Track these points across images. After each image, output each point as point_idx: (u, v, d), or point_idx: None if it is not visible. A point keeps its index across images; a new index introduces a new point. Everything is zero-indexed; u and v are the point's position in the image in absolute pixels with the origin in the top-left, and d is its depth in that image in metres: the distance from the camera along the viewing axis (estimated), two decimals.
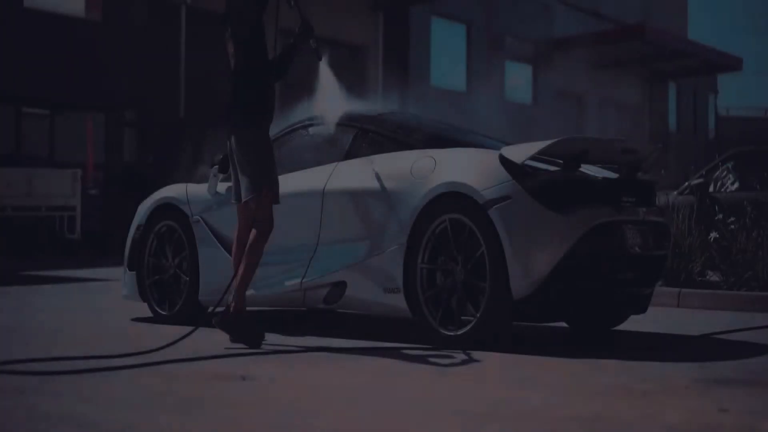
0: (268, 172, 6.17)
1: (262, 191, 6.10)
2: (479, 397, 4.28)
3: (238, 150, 6.14)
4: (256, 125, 6.15)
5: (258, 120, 6.16)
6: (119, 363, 5.09)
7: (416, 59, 29.62)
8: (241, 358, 5.42)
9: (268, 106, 6.23)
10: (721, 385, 4.65)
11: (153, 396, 4.26)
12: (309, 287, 6.61)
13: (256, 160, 6.12)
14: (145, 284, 7.50)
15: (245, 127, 6.12)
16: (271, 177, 6.19)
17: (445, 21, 31.01)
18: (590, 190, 6.06)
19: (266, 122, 6.23)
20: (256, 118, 6.15)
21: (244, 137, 6.12)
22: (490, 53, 32.44)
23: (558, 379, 4.78)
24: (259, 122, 6.17)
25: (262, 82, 6.18)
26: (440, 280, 6.14)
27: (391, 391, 4.40)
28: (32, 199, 13.05)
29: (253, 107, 6.13)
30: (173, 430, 3.57)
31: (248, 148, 6.11)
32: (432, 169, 6.20)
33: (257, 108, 6.15)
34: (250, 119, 6.12)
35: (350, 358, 5.51)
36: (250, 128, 6.13)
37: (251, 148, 6.11)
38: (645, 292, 6.54)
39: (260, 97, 6.15)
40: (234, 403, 4.11)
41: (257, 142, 6.14)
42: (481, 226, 5.88)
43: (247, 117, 6.12)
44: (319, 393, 4.36)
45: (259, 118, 6.17)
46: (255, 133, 6.14)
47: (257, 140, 6.14)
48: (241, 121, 6.12)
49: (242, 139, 6.12)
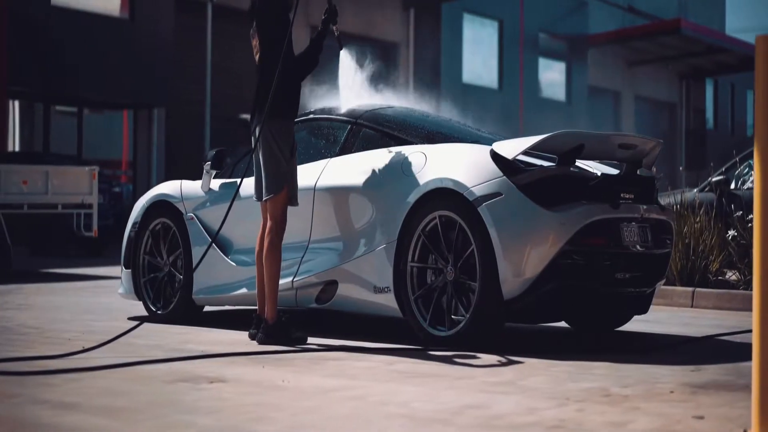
0: (290, 171, 6.08)
1: (281, 191, 5.99)
2: (445, 401, 4.11)
3: (263, 145, 6.01)
4: (282, 118, 6.05)
5: (283, 114, 6.05)
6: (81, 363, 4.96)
7: (447, 56, 29.42)
8: (220, 360, 5.27)
9: (293, 100, 6.13)
10: (707, 390, 4.44)
11: (106, 398, 4.12)
12: (300, 286, 6.47)
13: (278, 158, 6.02)
14: (140, 282, 7.39)
15: (270, 120, 6.00)
16: (292, 177, 6.09)
17: (477, 17, 30.78)
18: (585, 187, 5.85)
19: (291, 116, 6.13)
20: (282, 112, 6.04)
21: (269, 131, 6.00)
22: (523, 50, 32.15)
23: (538, 383, 4.59)
24: (285, 116, 6.06)
25: (288, 76, 6.06)
26: (431, 279, 5.97)
27: (356, 395, 4.24)
28: (49, 196, 12.97)
29: (278, 101, 6.00)
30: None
31: (272, 143, 6.00)
32: (423, 165, 6.03)
33: (283, 102, 6.03)
34: (276, 113, 6.01)
35: (328, 359, 5.35)
36: (275, 122, 6.02)
37: (275, 144, 6.01)
38: (645, 292, 6.33)
39: (286, 91, 6.05)
40: (190, 408, 3.96)
41: (282, 136, 6.04)
42: (471, 223, 5.70)
43: (273, 111, 5.99)
44: (283, 396, 4.20)
45: (284, 112, 6.06)
46: (280, 126, 6.03)
47: (282, 135, 6.04)
48: (266, 115, 5.99)
49: (267, 133, 6.01)
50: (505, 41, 31.59)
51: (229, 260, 6.91)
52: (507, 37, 31.59)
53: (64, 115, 23.62)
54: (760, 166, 3.29)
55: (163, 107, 22.97)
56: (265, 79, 6.05)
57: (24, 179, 12.84)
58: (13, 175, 12.76)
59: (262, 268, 6.12)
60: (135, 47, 21.87)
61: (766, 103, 3.28)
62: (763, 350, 3.28)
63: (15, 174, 12.80)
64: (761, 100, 3.29)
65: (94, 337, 6.14)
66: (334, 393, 4.28)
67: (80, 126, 22.96)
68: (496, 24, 31.41)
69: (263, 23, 6.07)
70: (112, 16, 21.99)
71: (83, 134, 22.93)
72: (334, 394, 4.27)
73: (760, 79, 3.30)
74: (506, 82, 31.60)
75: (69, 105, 22.85)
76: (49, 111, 22.60)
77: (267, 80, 6.04)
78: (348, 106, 6.78)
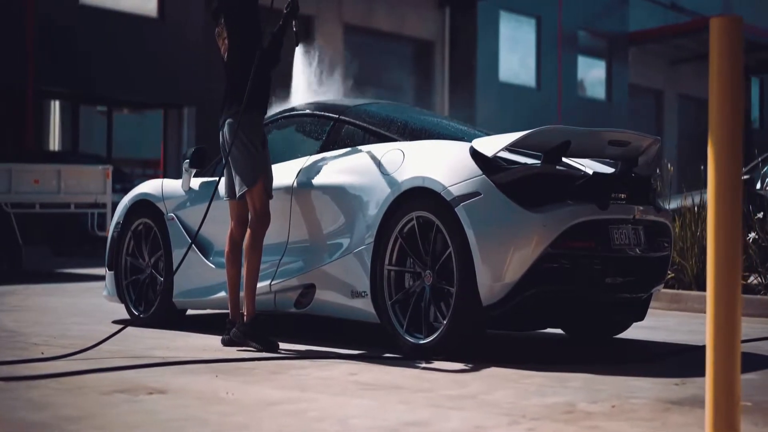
0: (263, 163, 5.82)
1: (257, 184, 5.74)
2: (388, 417, 3.79)
3: (231, 140, 5.77)
4: (251, 113, 5.82)
5: (253, 109, 5.83)
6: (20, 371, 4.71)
7: (484, 54, 29.02)
8: (176, 368, 5.00)
9: (263, 95, 5.91)
10: (683, 406, 4.08)
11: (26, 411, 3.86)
12: (278, 290, 6.18)
13: (250, 151, 5.79)
14: (122, 284, 7.14)
15: (243, 113, 5.76)
16: (266, 168, 5.85)
17: (514, 15, 30.32)
18: (570, 186, 5.49)
19: (261, 111, 5.91)
20: (251, 106, 5.81)
21: (240, 124, 5.77)
22: (562, 48, 31.66)
23: (501, 397, 4.26)
24: (254, 111, 5.85)
25: (258, 71, 5.82)
26: (409, 283, 5.65)
27: (296, 410, 3.93)
28: (61, 196, 12.80)
29: (248, 96, 5.77)
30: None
31: (242, 136, 5.77)
32: (400, 163, 5.72)
33: (252, 97, 5.81)
34: (248, 105, 5.79)
35: (292, 367, 5.05)
36: (249, 114, 5.80)
37: (245, 137, 5.78)
38: (641, 298, 5.96)
39: (255, 86, 5.81)
40: (108, 422, 3.68)
41: (251, 128, 5.81)
42: (449, 224, 5.37)
43: (245, 103, 5.76)
44: (216, 411, 3.91)
45: (254, 107, 5.84)
46: (247, 119, 5.77)
47: (251, 127, 5.81)
48: (235, 110, 5.78)
49: (235, 126, 5.78)
50: (543, 39, 31.09)
51: (209, 262, 6.64)
52: (545, 34, 31.09)
53: (95, 115, 23.57)
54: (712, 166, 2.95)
55: (194, 106, 22.82)
56: (235, 74, 5.82)
57: (35, 178, 12.67)
58: (25, 174, 12.60)
59: (231, 269, 5.89)
60: (165, 47, 21.74)
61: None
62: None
63: (26, 173, 12.64)
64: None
65: (65, 342, 5.92)
66: (273, 407, 3.98)
67: (110, 126, 22.88)
68: (533, 21, 30.92)
69: (232, 18, 5.84)
70: (141, 16, 21.86)
71: (113, 134, 22.87)
72: (273, 408, 3.97)
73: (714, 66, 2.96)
74: (544, 81, 31.11)
75: (98, 105, 22.78)
76: (78, 111, 22.56)
77: (237, 75, 5.81)
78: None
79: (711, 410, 2.98)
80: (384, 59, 27.21)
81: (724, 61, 2.95)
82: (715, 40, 2.97)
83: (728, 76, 2.96)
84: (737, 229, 2.97)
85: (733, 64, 2.95)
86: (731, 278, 2.97)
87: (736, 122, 2.96)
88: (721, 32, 2.95)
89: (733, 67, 2.96)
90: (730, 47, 2.95)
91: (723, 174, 2.97)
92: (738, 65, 2.95)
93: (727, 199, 2.97)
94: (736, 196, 2.96)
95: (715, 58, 2.97)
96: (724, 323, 2.97)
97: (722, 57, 2.96)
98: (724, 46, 2.95)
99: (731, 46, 2.95)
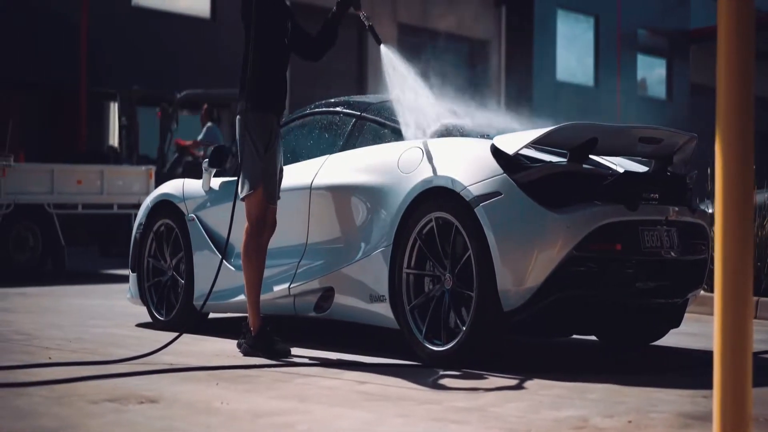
0: (266, 168, 5.56)
1: (255, 190, 5.51)
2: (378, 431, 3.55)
3: (240, 138, 5.56)
4: (258, 111, 5.56)
5: (262, 106, 5.58)
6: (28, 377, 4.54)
7: (540, 53, 28.62)
8: (176, 375, 4.79)
9: (276, 92, 5.63)
10: (705, 422, 3.78)
11: (9, 420, 3.68)
12: (297, 293, 5.95)
13: (252, 154, 5.53)
14: (144, 287, 6.98)
15: (250, 112, 5.54)
16: (268, 173, 5.57)
17: (572, 13, 29.87)
18: (598, 186, 5.19)
19: (274, 110, 5.64)
20: (260, 104, 5.57)
21: (247, 123, 5.55)
22: (621, 46, 31.13)
23: (511, 410, 3.99)
24: (262, 109, 5.59)
25: (271, 66, 5.62)
26: (428, 287, 5.39)
27: (286, 423, 3.70)
28: (104, 196, 12.72)
29: (261, 93, 5.56)
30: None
31: (246, 137, 5.54)
32: (419, 161, 5.46)
33: (262, 93, 5.57)
34: (256, 105, 5.56)
35: (298, 375, 4.82)
36: (252, 114, 5.54)
37: (249, 138, 5.54)
38: (677, 303, 5.65)
39: (270, 83, 5.59)
40: None
41: (256, 130, 5.55)
42: (468, 226, 5.11)
43: (253, 103, 5.54)
44: (203, 423, 3.70)
45: (263, 104, 5.58)
46: (255, 119, 5.54)
47: (257, 128, 5.55)
48: (247, 106, 5.54)
49: (243, 125, 5.56)
50: (601, 37, 30.59)
51: (230, 265, 6.43)
52: (603, 33, 30.58)
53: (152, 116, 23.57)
54: None
55: None
56: (251, 69, 5.56)
57: (79, 179, 12.61)
58: (68, 174, 12.54)
59: (247, 272, 5.67)
60: (216, 47, 21.68)
61: None
62: None
63: (69, 173, 12.58)
64: None
65: (78, 347, 5.77)
66: (262, 419, 3.76)
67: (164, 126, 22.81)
68: (591, 20, 30.43)
69: (246, 12, 5.58)
70: (193, 16, 21.84)
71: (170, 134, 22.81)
72: (263, 420, 3.74)
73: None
74: (603, 80, 30.61)
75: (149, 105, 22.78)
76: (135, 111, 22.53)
77: (256, 69, 5.56)
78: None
79: (719, 424, 2.71)
80: (439, 59, 26.92)
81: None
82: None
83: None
84: (748, 228, 2.69)
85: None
86: (741, 280, 2.69)
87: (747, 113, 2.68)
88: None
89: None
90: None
91: (732, 170, 2.69)
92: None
93: (736, 198, 2.69)
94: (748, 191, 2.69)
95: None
96: (732, 328, 2.70)
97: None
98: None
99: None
